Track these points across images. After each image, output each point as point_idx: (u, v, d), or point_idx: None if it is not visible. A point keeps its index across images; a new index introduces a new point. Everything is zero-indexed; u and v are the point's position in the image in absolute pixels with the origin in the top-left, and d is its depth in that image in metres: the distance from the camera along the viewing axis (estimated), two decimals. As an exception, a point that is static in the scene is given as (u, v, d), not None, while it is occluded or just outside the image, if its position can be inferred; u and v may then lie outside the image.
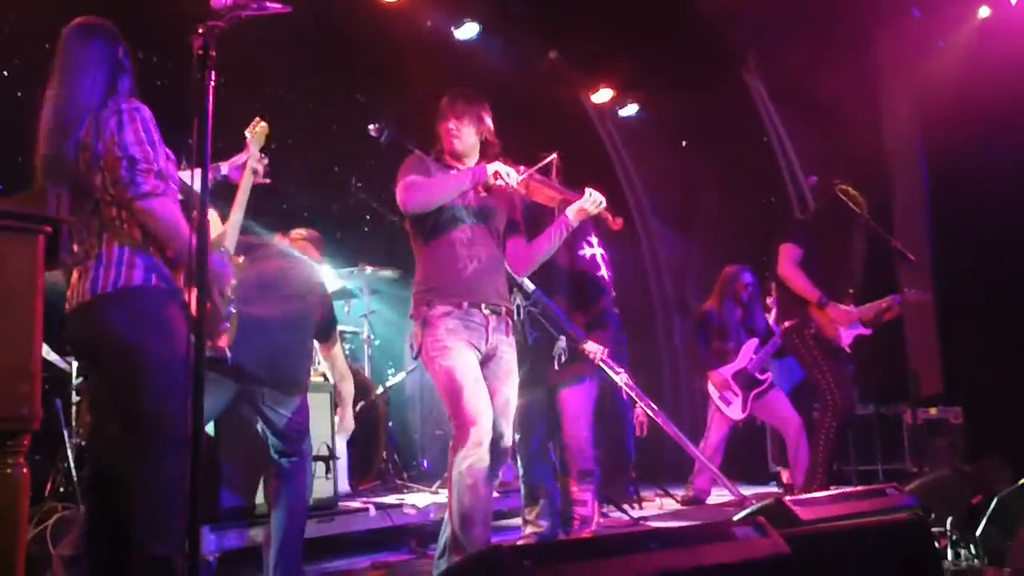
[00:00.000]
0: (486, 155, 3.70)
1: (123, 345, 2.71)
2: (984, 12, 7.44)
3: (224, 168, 3.40)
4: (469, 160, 3.70)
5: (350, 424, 4.35)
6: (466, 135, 3.67)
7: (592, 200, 3.63)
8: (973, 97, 7.16)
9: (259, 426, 3.65)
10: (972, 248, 7.77)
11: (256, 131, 3.50)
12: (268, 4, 2.55)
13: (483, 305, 3.52)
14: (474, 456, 3.35)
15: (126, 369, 2.72)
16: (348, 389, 4.33)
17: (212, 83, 2.40)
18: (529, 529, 4.36)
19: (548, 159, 3.68)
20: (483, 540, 3.38)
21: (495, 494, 3.68)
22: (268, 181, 3.47)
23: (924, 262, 7.64)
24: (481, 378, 3.47)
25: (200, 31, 2.42)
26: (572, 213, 3.66)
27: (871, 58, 7.84)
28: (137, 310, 2.75)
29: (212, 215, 3.25)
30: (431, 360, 3.49)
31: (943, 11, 7.47)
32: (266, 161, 3.45)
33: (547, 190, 3.66)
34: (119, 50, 2.89)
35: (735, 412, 6.33)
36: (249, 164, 3.41)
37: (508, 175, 3.49)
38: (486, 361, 3.56)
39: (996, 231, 7.87)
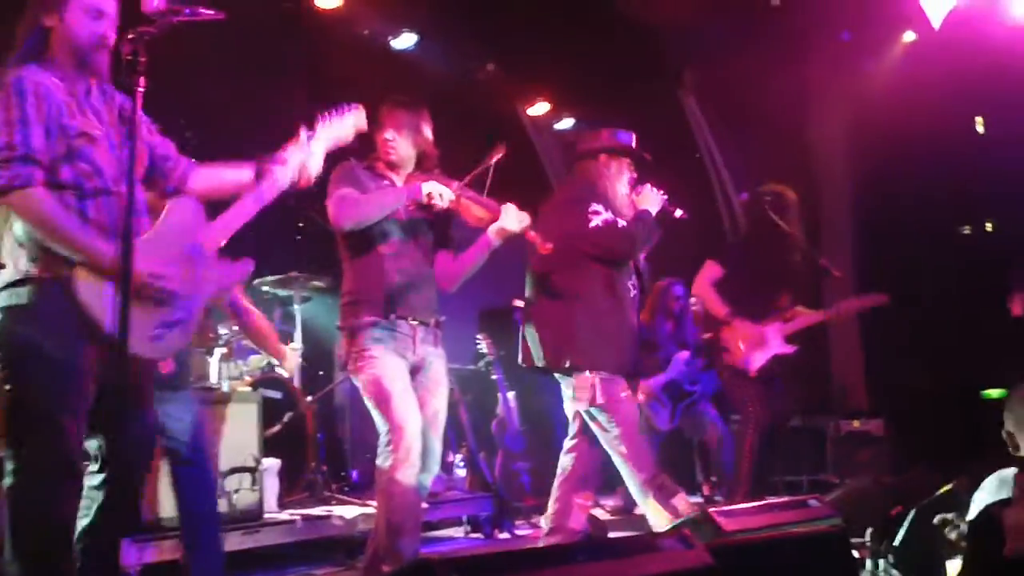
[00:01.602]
0: (422, 166, 3.70)
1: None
2: (910, 36, 7.66)
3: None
4: (405, 170, 3.69)
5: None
6: (403, 147, 3.66)
7: (512, 218, 3.60)
8: (899, 116, 7.37)
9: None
10: (896, 264, 7.98)
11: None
12: (201, 10, 2.52)
13: (410, 317, 3.53)
14: (403, 465, 3.34)
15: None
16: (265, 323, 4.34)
17: (141, 89, 2.36)
18: None
19: (495, 157, 3.66)
20: (412, 551, 3.37)
21: (424, 505, 3.66)
22: None
23: (848, 278, 7.82)
24: (410, 387, 3.47)
25: (130, 36, 2.38)
26: (493, 233, 3.63)
27: (802, 79, 8.01)
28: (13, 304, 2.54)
29: None
30: (358, 369, 3.48)
31: (871, 34, 7.68)
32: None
33: (478, 209, 3.63)
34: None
35: (662, 422, 6.40)
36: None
37: (441, 196, 3.48)
38: (414, 372, 3.55)
39: (919, 247, 8.11)
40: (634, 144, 4.35)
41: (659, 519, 3.87)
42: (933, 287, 7.93)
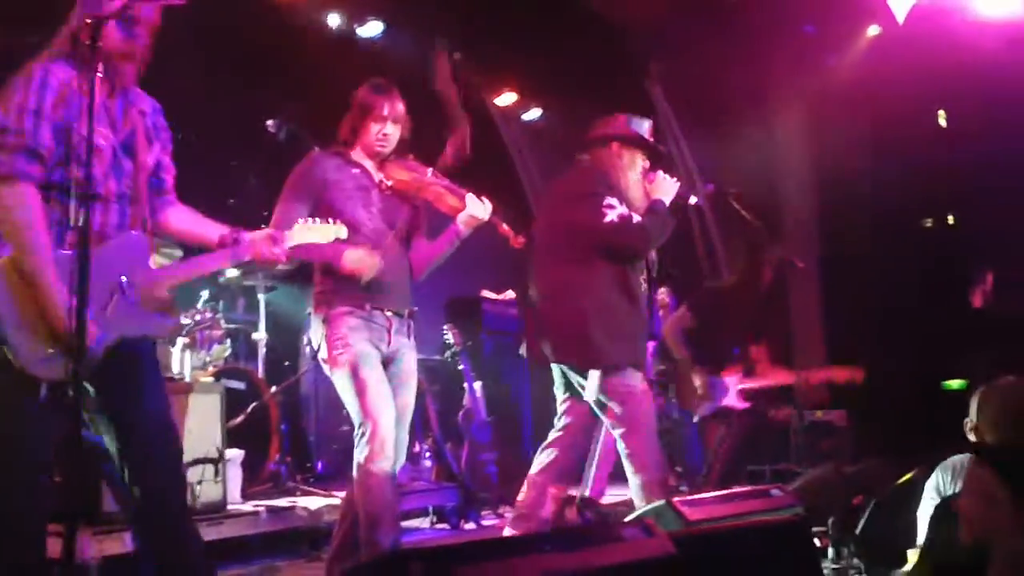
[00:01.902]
0: (397, 151, 3.62)
1: None
2: (874, 30, 7.73)
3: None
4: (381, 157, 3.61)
5: None
6: (394, 140, 3.59)
7: (477, 206, 3.55)
8: (862, 110, 7.44)
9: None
10: (859, 256, 8.07)
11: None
12: (162, -4, 2.48)
13: (385, 308, 3.48)
14: (379, 457, 3.31)
15: None
16: None
17: (99, 75, 2.32)
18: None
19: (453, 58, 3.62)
20: (390, 541, 3.33)
21: None
22: None
23: (812, 270, 7.89)
24: (384, 377, 3.43)
25: (88, 22, 2.33)
26: (462, 222, 3.58)
27: (766, 72, 8.06)
28: None
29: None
30: (332, 359, 3.42)
31: (835, 28, 7.74)
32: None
33: (451, 198, 3.57)
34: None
35: None
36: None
37: (369, 270, 3.37)
38: (387, 364, 3.51)
39: (882, 240, 8.20)
40: (648, 134, 4.23)
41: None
42: (895, 279, 8.02)
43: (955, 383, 6.78)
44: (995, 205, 7.84)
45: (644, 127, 4.22)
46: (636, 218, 4.01)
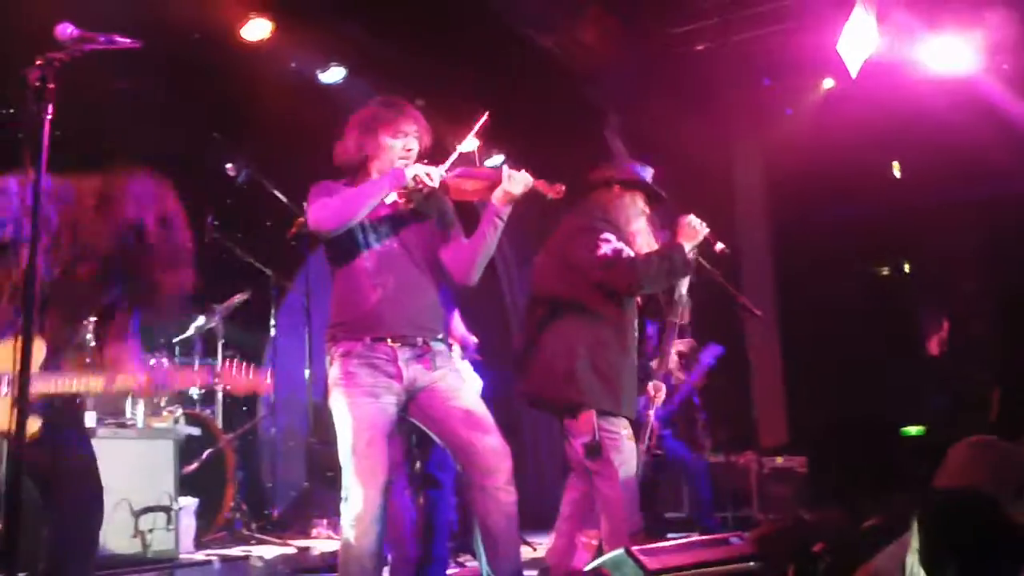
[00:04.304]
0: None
1: None
2: (828, 83, 7.90)
3: None
4: None
5: None
6: (415, 155, 3.36)
7: (515, 180, 3.26)
8: (818, 160, 7.58)
9: None
10: (816, 304, 8.16)
11: None
12: (117, 39, 2.46)
13: (389, 339, 3.20)
14: (356, 532, 3.09)
15: None
16: None
17: (49, 116, 2.29)
18: None
19: (480, 122, 3.45)
20: None
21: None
22: None
23: (769, 318, 7.97)
24: (378, 438, 3.14)
25: (38, 63, 2.31)
26: (497, 200, 3.29)
27: (724, 122, 8.19)
28: None
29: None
30: (334, 404, 3.22)
31: (791, 80, 7.90)
32: None
33: (471, 182, 3.32)
34: None
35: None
36: None
37: (429, 176, 3.17)
38: (417, 394, 3.24)
39: (839, 287, 8.31)
40: (649, 179, 4.20)
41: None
42: (853, 327, 8.11)
43: (913, 429, 6.85)
44: (949, 252, 7.99)
45: (647, 174, 4.23)
46: (629, 253, 3.93)
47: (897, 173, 8.60)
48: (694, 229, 3.93)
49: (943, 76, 6.93)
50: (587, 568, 3.54)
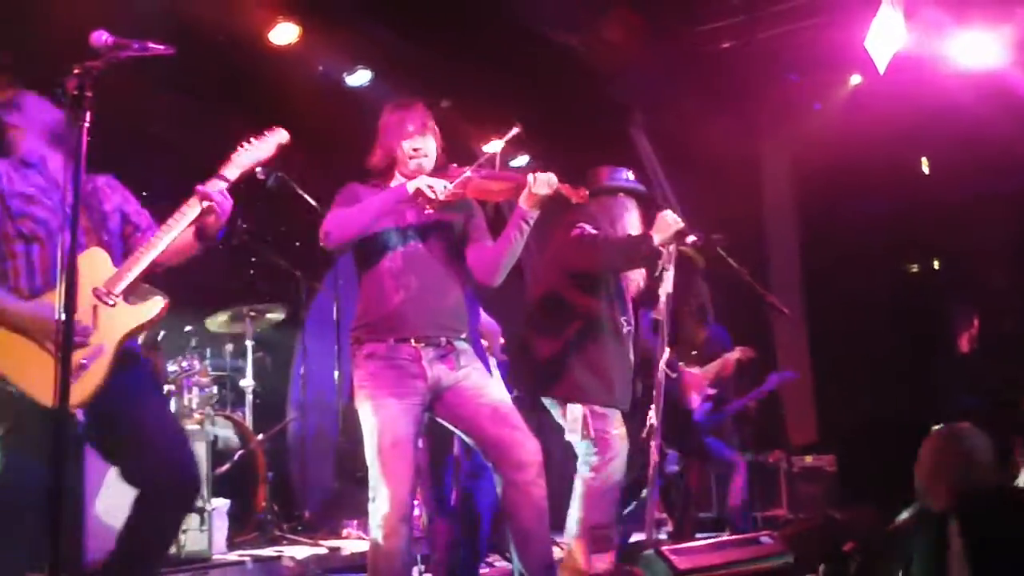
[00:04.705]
0: (435, 164, 3.41)
1: None
2: (856, 79, 7.84)
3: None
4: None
5: None
6: (431, 151, 3.36)
7: (540, 182, 3.26)
8: (846, 156, 7.53)
9: None
10: (846, 302, 8.10)
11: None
12: (151, 45, 2.50)
13: (412, 340, 3.22)
14: (385, 531, 3.10)
15: None
16: None
17: (87, 124, 2.33)
18: None
19: (511, 133, 3.44)
20: None
21: None
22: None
23: (797, 316, 7.92)
24: (403, 438, 3.15)
25: (76, 71, 2.35)
26: (524, 202, 3.29)
27: (751, 118, 8.15)
28: None
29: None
30: (359, 406, 3.25)
31: (819, 76, 7.85)
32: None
33: (494, 184, 3.33)
34: None
35: None
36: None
37: (431, 189, 3.17)
38: (442, 393, 3.26)
39: (868, 285, 8.25)
40: (629, 179, 4.27)
41: (570, 562, 3.79)
42: (882, 324, 8.05)
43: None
44: (979, 248, 7.92)
45: (624, 175, 4.30)
46: (596, 232, 4.00)
47: (926, 169, 8.52)
48: (667, 223, 3.93)
49: (971, 71, 6.86)
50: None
